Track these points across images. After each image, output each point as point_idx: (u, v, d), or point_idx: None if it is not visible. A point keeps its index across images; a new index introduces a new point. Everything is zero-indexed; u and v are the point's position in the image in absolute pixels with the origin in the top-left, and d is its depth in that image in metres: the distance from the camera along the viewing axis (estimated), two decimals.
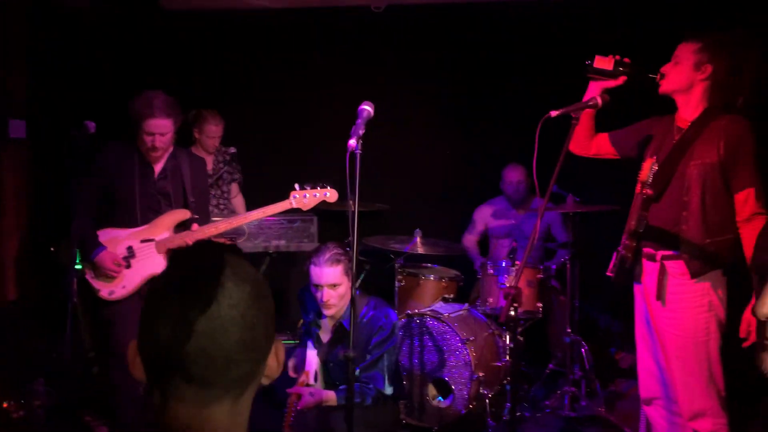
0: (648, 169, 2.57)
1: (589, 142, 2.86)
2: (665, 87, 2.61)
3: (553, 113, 2.48)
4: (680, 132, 2.61)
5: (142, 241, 3.16)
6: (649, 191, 2.58)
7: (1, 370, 3.49)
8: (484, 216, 4.80)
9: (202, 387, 0.93)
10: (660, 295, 2.60)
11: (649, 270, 2.67)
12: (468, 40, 4.94)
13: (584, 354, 4.00)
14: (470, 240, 4.85)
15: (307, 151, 5.02)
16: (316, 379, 3.05)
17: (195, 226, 3.22)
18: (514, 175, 4.62)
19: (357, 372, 2.93)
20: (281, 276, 4.68)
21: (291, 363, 3.24)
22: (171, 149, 3.30)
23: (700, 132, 2.55)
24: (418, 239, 4.09)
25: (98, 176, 3.20)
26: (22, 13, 4.16)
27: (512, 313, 2.42)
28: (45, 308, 3.88)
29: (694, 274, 2.52)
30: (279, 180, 4.30)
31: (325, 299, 2.95)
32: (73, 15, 4.72)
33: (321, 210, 4.38)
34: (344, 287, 2.95)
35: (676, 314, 2.57)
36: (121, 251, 3.14)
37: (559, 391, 3.91)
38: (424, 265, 4.36)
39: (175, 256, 1.02)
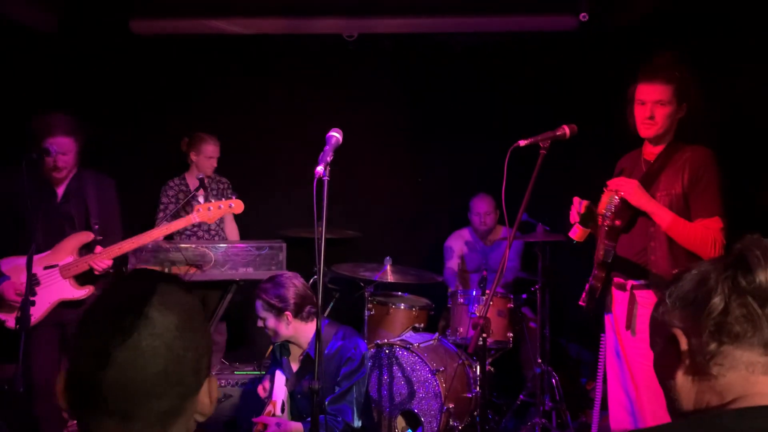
0: (606, 201, 2.58)
1: None
2: (655, 131, 2.58)
3: (522, 142, 2.51)
4: (647, 164, 2.65)
5: (46, 268, 3.08)
6: (609, 222, 2.58)
7: None
8: (459, 244, 4.79)
9: (122, 420, 0.89)
10: (630, 325, 2.60)
11: (619, 299, 2.67)
12: (440, 68, 4.99)
13: (555, 384, 3.97)
14: (451, 268, 4.80)
15: (275, 177, 4.98)
16: (283, 410, 2.97)
17: (98, 248, 3.15)
18: (481, 206, 4.62)
19: (326, 403, 2.87)
20: (249, 304, 4.58)
21: (260, 388, 3.20)
22: (75, 171, 3.24)
23: (666, 164, 2.59)
24: (388, 267, 4.05)
25: None
26: None
27: (481, 343, 2.39)
28: None
29: None
30: (251, 209, 4.25)
31: (259, 325, 3.01)
32: (39, 38, 4.65)
33: (290, 237, 4.34)
34: (271, 322, 2.97)
35: (645, 344, 2.56)
36: (24, 279, 3.05)
37: (529, 423, 3.87)
38: (394, 293, 4.31)
39: (108, 283, 0.99)
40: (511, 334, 3.93)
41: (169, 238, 3.86)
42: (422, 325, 4.04)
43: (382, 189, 5.00)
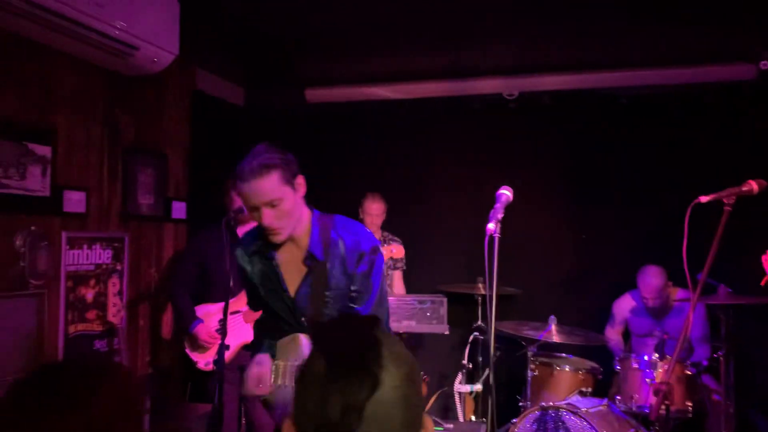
0: None
1: None
2: None
3: (703, 199, 2.38)
4: None
5: (231, 313, 3.35)
6: None
7: None
8: (622, 310, 4.52)
9: None
10: None
11: None
12: (605, 122, 4.87)
13: None
14: (612, 333, 4.56)
15: (436, 233, 5.07)
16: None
17: None
18: (648, 290, 4.19)
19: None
20: None
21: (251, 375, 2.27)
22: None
23: None
24: (553, 326, 3.94)
25: (193, 258, 3.61)
26: (186, 107, 4.67)
27: (663, 411, 2.25)
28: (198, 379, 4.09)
29: None
30: (413, 264, 4.32)
31: (267, 224, 2.09)
32: (229, 109, 5.23)
33: (450, 292, 4.40)
34: (289, 202, 2.10)
35: None
36: (214, 324, 3.37)
37: None
38: (558, 354, 4.16)
39: (321, 334, 1.03)
40: (691, 404, 3.62)
41: None
42: (589, 389, 3.85)
43: (544, 246, 4.91)
